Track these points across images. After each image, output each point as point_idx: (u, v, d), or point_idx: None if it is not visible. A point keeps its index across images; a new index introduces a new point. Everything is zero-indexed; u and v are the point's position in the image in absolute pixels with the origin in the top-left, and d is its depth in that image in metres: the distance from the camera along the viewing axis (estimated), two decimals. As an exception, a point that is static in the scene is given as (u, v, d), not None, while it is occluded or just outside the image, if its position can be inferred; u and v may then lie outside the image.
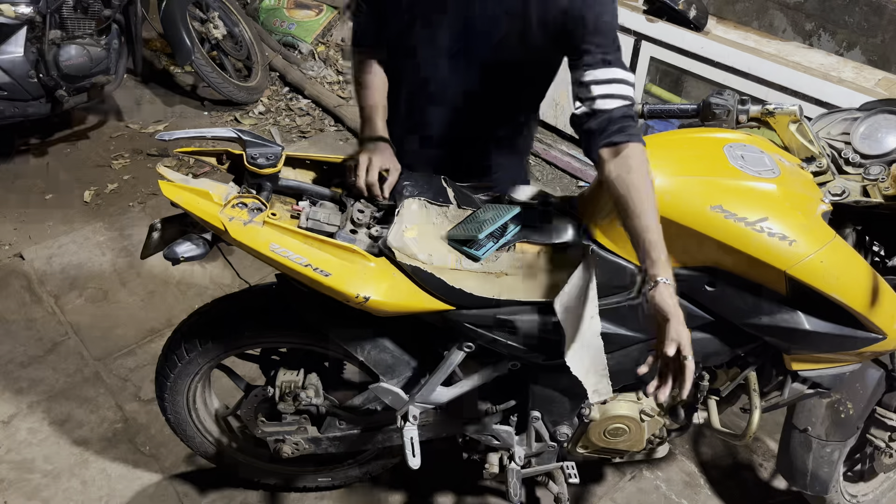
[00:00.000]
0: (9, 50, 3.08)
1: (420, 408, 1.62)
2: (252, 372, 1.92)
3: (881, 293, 1.37)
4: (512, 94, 1.69)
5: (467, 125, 1.72)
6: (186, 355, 1.65)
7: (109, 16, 3.35)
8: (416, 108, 1.72)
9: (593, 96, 1.41)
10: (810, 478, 1.81)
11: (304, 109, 4.15)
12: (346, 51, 4.66)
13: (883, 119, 1.52)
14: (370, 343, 1.56)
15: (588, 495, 2.13)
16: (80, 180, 3.39)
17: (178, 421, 1.81)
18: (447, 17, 1.53)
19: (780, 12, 3.38)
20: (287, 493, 2.07)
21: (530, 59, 1.59)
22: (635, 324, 1.47)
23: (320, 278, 1.32)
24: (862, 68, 2.84)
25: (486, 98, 1.66)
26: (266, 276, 2.57)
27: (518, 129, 1.84)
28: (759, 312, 1.41)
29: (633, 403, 1.68)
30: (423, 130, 1.75)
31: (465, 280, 1.41)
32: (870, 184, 1.44)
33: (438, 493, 2.10)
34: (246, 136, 1.35)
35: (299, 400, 1.66)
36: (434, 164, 1.67)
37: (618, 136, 1.37)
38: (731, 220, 1.32)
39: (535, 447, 1.73)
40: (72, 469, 2.12)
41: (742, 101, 1.54)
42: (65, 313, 2.65)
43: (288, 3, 4.78)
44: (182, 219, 1.40)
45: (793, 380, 1.58)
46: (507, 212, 1.47)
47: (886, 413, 1.86)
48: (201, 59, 3.72)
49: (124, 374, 2.41)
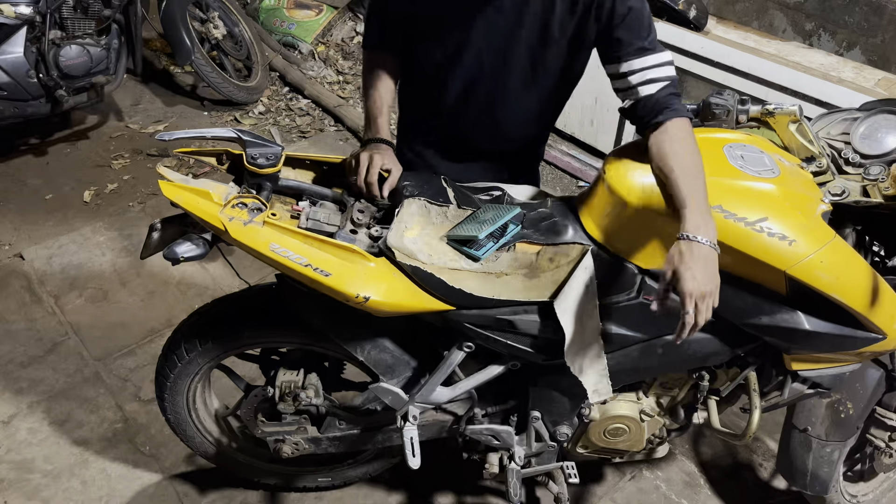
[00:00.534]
0: (9, 50, 3.08)
1: (420, 408, 1.62)
2: (252, 372, 1.93)
3: (881, 293, 1.37)
4: (541, 108, 1.71)
5: (495, 141, 1.75)
6: (186, 355, 1.65)
7: (109, 16, 3.35)
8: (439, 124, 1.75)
9: (633, 85, 1.44)
10: (810, 478, 1.81)
11: (304, 109, 4.16)
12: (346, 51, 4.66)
13: (883, 119, 1.52)
14: (370, 343, 1.56)
15: (588, 495, 2.13)
16: (80, 180, 3.39)
17: (178, 421, 1.81)
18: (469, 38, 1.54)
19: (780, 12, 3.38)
20: (287, 493, 2.07)
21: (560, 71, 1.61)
22: (635, 324, 1.47)
23: (320, 278, 1.32)
24: (862, 68, 2.84)
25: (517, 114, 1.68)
26: (266, 276, 2.57)
27: (543, 139, 1.89)
28: (759, 312, 1.41)
29: (633, 403, 1.68)
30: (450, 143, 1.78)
31: (465, 280, 1.41)
32: (870, 184, 1.44)
33: (438, 493, 2.10)
34: (246, 136, 1.35)
35: (299, 400, 1.66)
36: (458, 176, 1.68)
37: (663, 114, 1.39)
38: (730, 220, 1.32)
39: (535, 447, 1.73)
40: (72, 469, 2.12)
41: (742, 101, 1.54)
42: (65, 313, 2.65)
43: (288, 3, 4.78)
44: (182, 219, 1.40)
45: (793, 380, 1.58)
46: (507, 212, 1.47)
47: (886, 413, 1.86)
48: (201, 59, 3.72)
49: (124, 374, 2.41)
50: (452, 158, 1.80)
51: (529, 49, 1.54)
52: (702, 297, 1.22)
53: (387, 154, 1.54)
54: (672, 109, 1.40)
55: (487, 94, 1.63)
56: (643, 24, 1.44)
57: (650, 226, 1.39)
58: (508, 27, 1.51)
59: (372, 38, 1.69)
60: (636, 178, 1.39)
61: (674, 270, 1.23)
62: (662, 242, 1.39)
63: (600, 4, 1.44)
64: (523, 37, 1.52)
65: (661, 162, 1.34)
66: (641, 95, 1.43)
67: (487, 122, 1.69)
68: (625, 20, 1.43)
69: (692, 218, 1.25)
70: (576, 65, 1.61)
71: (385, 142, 1.58)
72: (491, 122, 1.69)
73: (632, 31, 1.44)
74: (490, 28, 1.52)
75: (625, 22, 1.43)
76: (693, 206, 1.26)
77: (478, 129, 1.72)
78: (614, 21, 1.44)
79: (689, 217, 1.25)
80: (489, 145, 1.76)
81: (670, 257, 1.24)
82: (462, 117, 1.70)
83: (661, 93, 1.42)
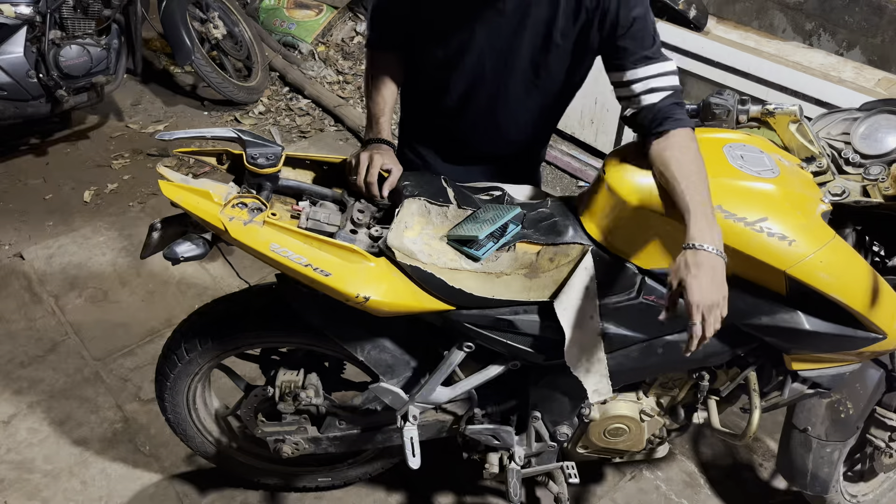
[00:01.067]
0: (9, 50, 3.08)
1: (420, 408, 1.62)
2: (252, 372, 1.93)
3: (881, 293, 1.37)
4: (542, 112, 1.71)
5: (497, 143, 1.75)
6: (186, 355, 1.65)
7: (109, 16, 3.35)
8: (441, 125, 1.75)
9: (636, 94, 1.43)
10: (810, 478, 1.81)
11: (304, 109, 4.15)
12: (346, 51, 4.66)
13: (883, 119, 1.52)
14: (370, 343, 1.56)
15: (588, 495, 2.13)
16: (80, 180, 3.39)
17: (178, 421, 1.81)
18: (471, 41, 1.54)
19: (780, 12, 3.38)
20: (287, 493, 2.07)
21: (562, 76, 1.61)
22: (635, 324, 1.47)
23: (320, 278, 1.32)
24: (862, 68, 2.84)
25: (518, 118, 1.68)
26: (266, 276, 2.57)
27: (544, 142, 1.89)
28: (759, 312, 1.41)
29: (633, 403, 1.68)
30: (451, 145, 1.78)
31: (465, 280, 1.41)
32: (870, 184, 1.44)
33: (438, 493, 2.10)
34: (246, 136, 1.35)
35: (299, 400, 1.66)
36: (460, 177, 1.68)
37: (665, 124, 1.38)
38: (730, 221, 1.32)
39: (535, 447, 1.73)
40: (72, 469, 2.12)
41: (742, 101, 1.54)
42: (65, 313, 2.65)
43: (288, 3, 4.78)
44: (182, 219, 1.40)
45: (793, 380, 1.58)
46: (507, 212, 1.47)
47: (886, 413, 1.86)
48: (201, 59, 3.72)
49: (124, 374, 2.41)
50: (453, 160, 1.80)
51: (531, 53, 1.54)
52: (709, 308, 1.20)
53: (387, 154, 1.55)
54: (674, 119, 1.39)
55: (489, 97, 1.64)
56: (647, 33, 1.44)
57: (650, 226, 1.39)
58: (511, 30, 1.51)
59: (375, 39, 1.69)
60: (636, 178, 1.39)
61: (680, 280, 1.21)
62: (662, 242, 1.39)
63: (604, 13, 1.44)
64: (525, 41, 1.52)
65: (664, 169, 1.33)
66: (644, 104, 1.42)
67: (488, 124, 1.69)
68: (629, 30, 1.43)
69: (698, 226, 1.23)
70: (578, 71, 1.61)
71: (386, 142, 1.58)
72: (492, 124, 1.69)
73: (636, 41, 1.43)
74: (492, 31, 1.52)
75: (629, 32, 1.43)
76: (698, 213, 1.24)
77: (478, 132, 1.72)
78: (618, 30, 1.43)
79: (695, 225, 1.23)
80: (490, 147, 1.76)
81: (676, 267, 1.22)
82: (463, 119, 1.70)
83: (663, 102, 1.41)
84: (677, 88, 1.44)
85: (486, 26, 1.51)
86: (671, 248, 1.38)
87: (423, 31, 1.60)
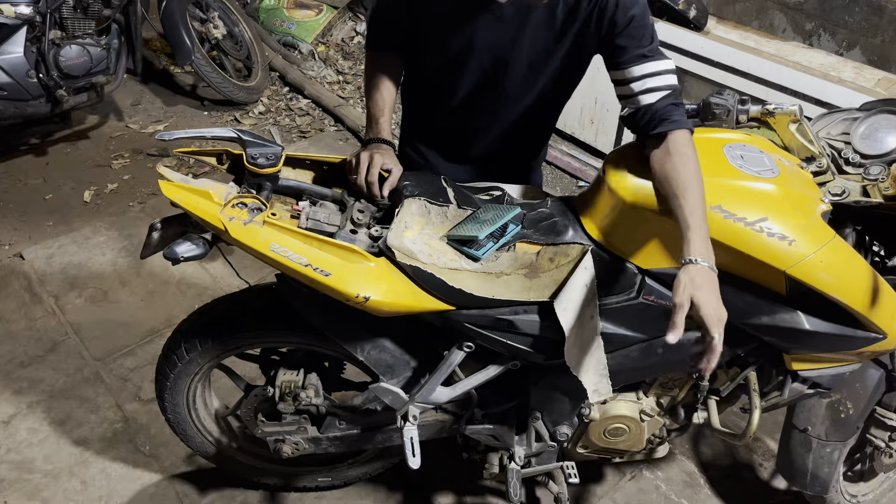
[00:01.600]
0: (9, 50, 3.08)
1: (420, 408, 1.62)
2: (252, 372, 1.93)
3: (881, 293, 1.37)
4: (541, 112, 1.72)
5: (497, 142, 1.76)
6: (186, 355, 1.65)
7: (109, 16, 3.35)
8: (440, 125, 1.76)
9: (635, 93, 1.43)
10: (810, 478, 1.81)
11: (304, 109, 4.16)
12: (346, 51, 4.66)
13: (883, 119, 1.52)
14: (370, 343, 1.56)
15: (588, 495, 2.13)
16: (80, 180, 3.39)
17: (178, 421, 1.81)
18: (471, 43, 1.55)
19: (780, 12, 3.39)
20: (287, 493, 2.07)
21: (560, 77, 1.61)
22: (635, 324, 1.47)
23: (320, 278, 1.32)
24: (862, 68, 2.84)
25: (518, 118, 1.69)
26: (266, 276, 2.57)
27: (543, 142, 1.89)
28: (759, 312, 1.41)
29: (633, 403, 1.68)
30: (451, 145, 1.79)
31: (465, 280, 1.41)
32: (870, 184, 1.44)
33: (438, 493, 2.10)
34: (246, 136, 1.35)
35: (299, 400, 1.66)
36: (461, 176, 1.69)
37: (661, 126, 1.38)
38: (730, 221, 1.32)
39: (535, 447, 1.73)
40: (72, 469, 2.12)
41: (742, 101, 1.54)
42: (65, 313, 2.65)
43: (288, 3, 4.78)
44: (182, 219, 1.40)
45: (793, 380, 1.58)
46: (507, 212, 1.47)
47: (886, 413, 1.86)
48: (201, 59, 3.72)
49: (124, 374, 2.41)
50: (453, 160, 1.80)
51: (530, 55, 1.55)
52: (721, 320, 1.22)
53: (387, 154, 1.55)
54: (671, 121, 1.39)
55: (489, 99, 1.64)
56: (645, 32, 1.44)
57: (650, 226, 1.39)
58: (510, 33, 1.51)
59: (375, 40, 1.69)
60: (636, 178, 1.39)
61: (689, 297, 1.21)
62: (662, 242, 1.39)
63: (601, 13, 1.44)
64: (525, 44, 1.52)
65: (664, 179, 1.33)
66: (641, 104, 1.42)
67: (488, 125, 1.70)
68: (626, 29, 1.43)
69: (697, 242, 1.25)
70: (576, 71, 1.62)
71: (386, 142, 1.59)
72: (491, 125, 1.70)
73: (633, 39, 1.43)
74: (491, 34, 1.52)
75: (626, 30, 1.43)
76: (697, 229, 1.26)
77: (478, 132, 1.73)
78: (616, 29, 1.44)
79: (694, 241, 1.25)
80: (489, 148, 1.76)
81: (682, 284, 1.22)
82: (463, 120, 1.71)
83: (660, 103, 1.41)
84: (676, 88, 1.44)
85: (486, 29, 1.52)
86: (671, 247, 1.38)
87: (422, 33, 1.60)
